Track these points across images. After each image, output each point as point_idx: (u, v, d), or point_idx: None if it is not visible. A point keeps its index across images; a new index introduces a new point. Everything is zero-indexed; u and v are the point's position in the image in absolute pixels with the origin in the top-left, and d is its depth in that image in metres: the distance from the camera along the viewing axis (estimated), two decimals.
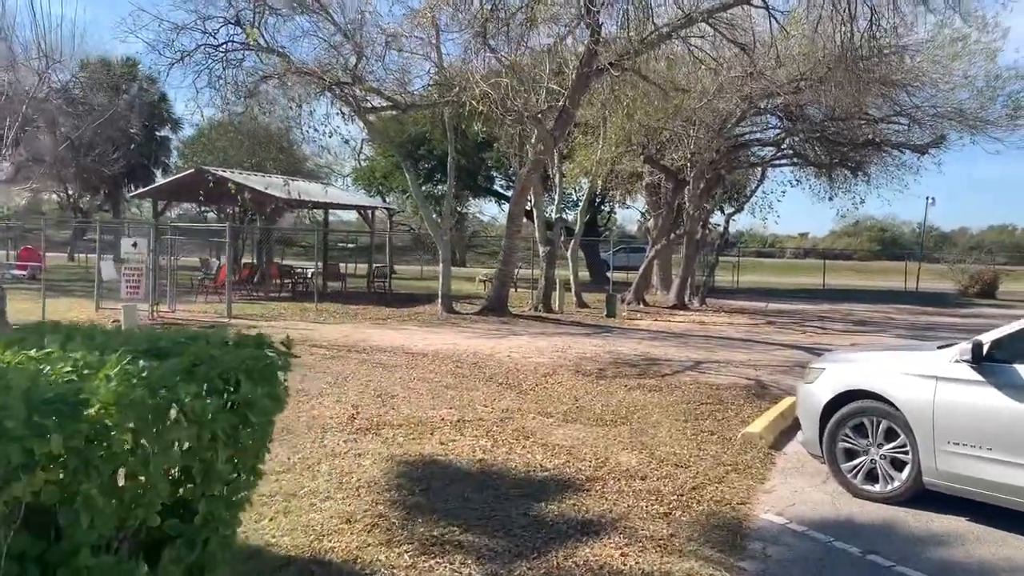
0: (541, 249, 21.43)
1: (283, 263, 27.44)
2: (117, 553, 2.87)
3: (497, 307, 19.00)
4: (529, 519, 5.40)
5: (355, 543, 4.93)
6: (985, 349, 5.40)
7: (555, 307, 21.05)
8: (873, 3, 13.67)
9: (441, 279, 19.37)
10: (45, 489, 2.46)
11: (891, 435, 5.95)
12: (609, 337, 16.23)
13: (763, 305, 26.82)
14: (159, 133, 42.86)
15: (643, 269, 25.15)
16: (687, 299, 25.27)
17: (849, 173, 24.81)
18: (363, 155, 39.25)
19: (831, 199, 26.91)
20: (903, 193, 32.19)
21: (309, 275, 25.66)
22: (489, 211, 57.49)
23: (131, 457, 2.78)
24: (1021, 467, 5.16)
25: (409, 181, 20.06)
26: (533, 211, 22.82)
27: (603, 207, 39.35)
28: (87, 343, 3.31)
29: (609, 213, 42.70)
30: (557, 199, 23.17)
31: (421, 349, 13.23)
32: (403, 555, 4.77)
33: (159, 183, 23.16)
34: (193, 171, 21.84)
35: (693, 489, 6.11)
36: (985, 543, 5.30)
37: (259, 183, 19.89)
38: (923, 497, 5.86)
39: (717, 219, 30.48)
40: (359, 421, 8.05)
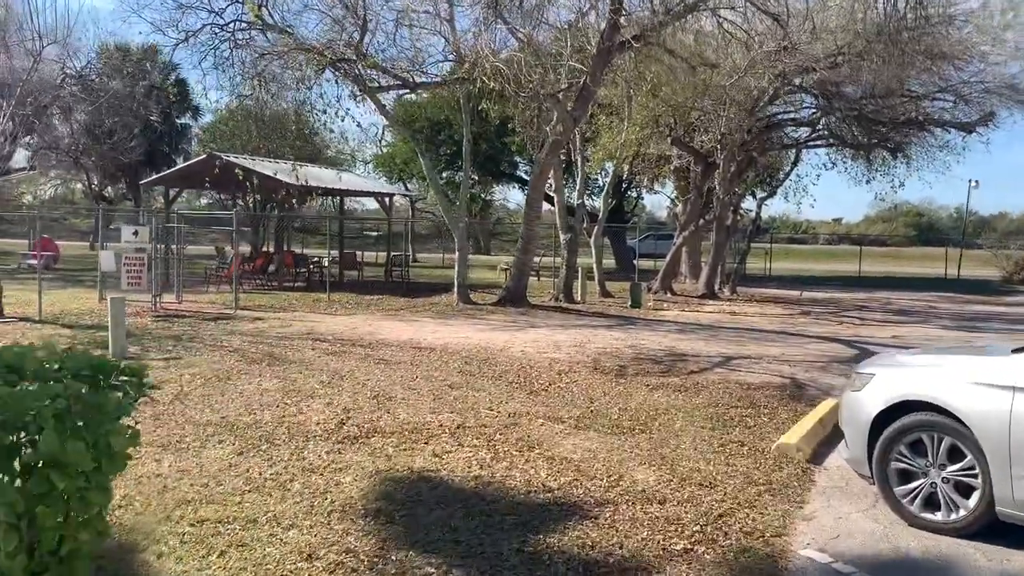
0: (562, 236, 20.50)
1: (299, 252, 26.76)
2: None
3: (515, 297, 18.14)
4: (523, 557, 4.56)
5: None
6: None
7: (577, 297, 20.14)
8: None
9: (457, 268, 18.54)
10: None
11: (956, 455, 5.01)
12: (632, 330, 15.31)
13: (797, 294, 25.69)
14: (179, 120, 42.43)
15: (671, 256, 24.12)
16: (717, 288, 24.22)
17: (888, 155, 23.55)
18: (384, 141, 38.63)
19: (868, 182, 25.67)
20: (944, 175, 30.71)
21: (325, 264, 24.98)
22: (514, 198, 56.39)
23: None
24: None
25: (424, 166, 19.22)
26: (554, 196, 21.88)
27: (629, 192, 38.22)
28: None
29: (636, 199, 41.57)
30: (579, 184, 22.21)
31: (430, 343, 12.42)
32: None
33: (170, 170, 22.48)
34: (205, 157, 21.19)
35: (720, 517, 5.22)
36: None
37: (269, 168, 19.18)
38: (996, 529, 4.93)
39: (748, 204, 29.37)
40: (348, 428, 7.25)
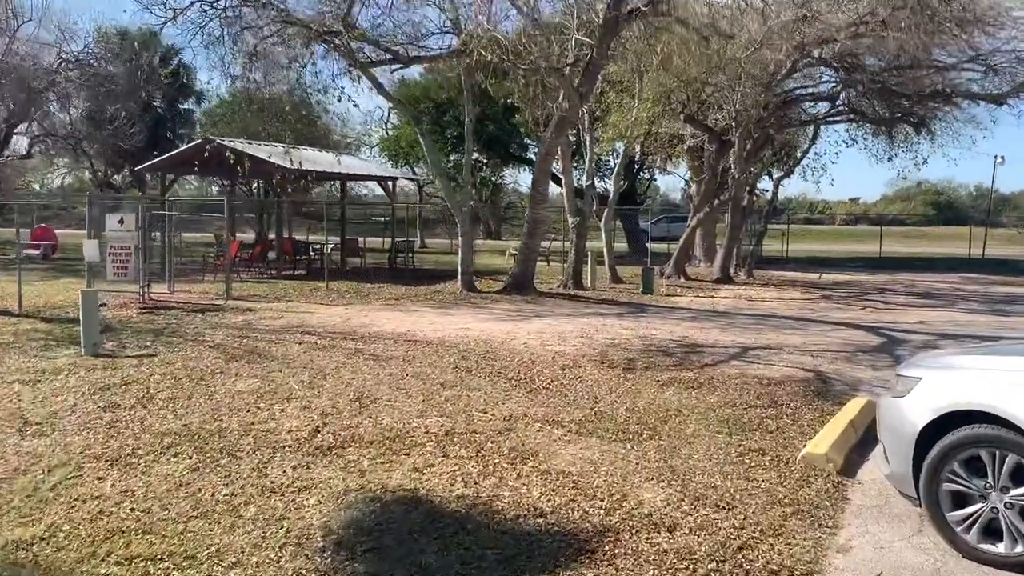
0: (570, 220, 19.64)
1: (299, 239, 26.02)
2: None
3: (521, 285, 17.35)
4: None
5: None
6: None
7: (586, 283, 19.32)
8: None
9: (460, 254, 17.75)
10: None
11: (1022, 476, 4.21)
12: (643, 318, 14.50)
13: (816, 276, 24.76)
14: (182, 106, 41.73)
15: (684, 239, 23.23)
16: (732, 271, 23.34)
17: (911, 130, 22.51)
18: (389, 124, 37.82)
19: (891, 159, 24.65)
20: (970, 151, 29.61)
21: (327, 251, 24.26)
22: (525, 181, 55.37)
23: None
24: None
25: (424, 147, 18.40)
26: (562, 178, 21.01)
27: (642, 174, 37.25)
28: None
29: (649, 180, 40.59)
30: (588, 164, 21.31)
31: (426, 336, 11.66)
32: None
33: (164, 156, 21.79)
34: (198, 142, 20.47)
35: (739, 549, 4.44)
36: None
37: (263, 152, 18.42)
38: None
39: (764, 184, 28.41)
40: (322, 436, 6.51)
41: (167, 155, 21.84)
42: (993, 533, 4.31)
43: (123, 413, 7.09)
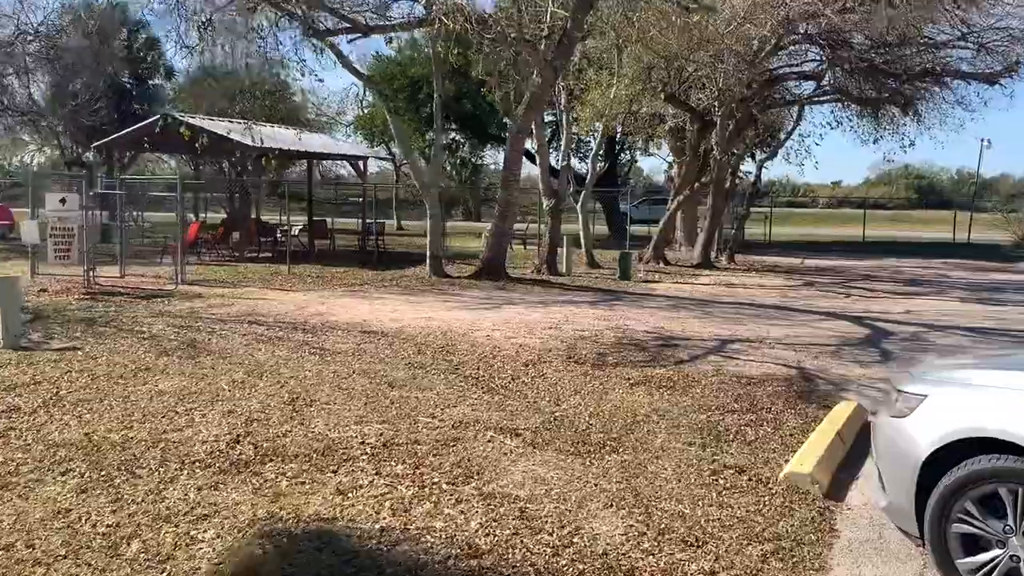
0: (545, 202, 18.82)
1: (267, 221, 25.06)
2: None
3: (493, 270, 16.55)
4: None
5: None
6: None
7: (562, 268, 18.54)
8: None
9: (429, 237, 16.91)
10: None
11: None
12: (618, 306, 13.75)
13: (799, 261, 24.11)
14: (151, 82, 40.32)
15: (664, 223, 22.46)
16: (714, 256, 22.63)
17: (898, 111, 21.81)
18: (365, 102, 36.68)
19: (876, 142, 23.98)
20: (958, 134, 29.00)
21: (294, 232, 23.35)
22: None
23: None
24: None
25: (391, 124, 17.48)
26: (537, 158, 20.16)
27: (623, 155, 36.42)
28: None
29: (630, 162, 39.78)
30: (564, 144, 20.49)
31: (384, 326, 10.86)
32: None
33: (120, 132, 20.76)
34: (156, 117, 19.45)
35: None
36: None
37: (221, 128, 17.46)
38: None
39: (747, 167, 27.67)
40: (242, 448, 5.72)
41: (123, 132, 20.77)
42: None
43: (21, 419, 6.26)
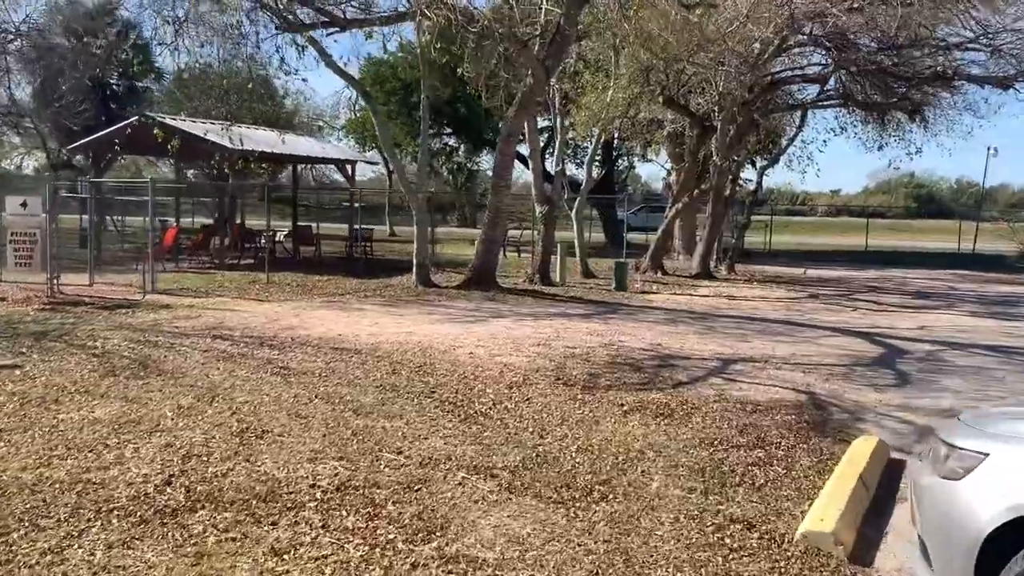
0: (538, 208, 18.04)
1: (250, 227, 24.27)
2: None
3: (482, 280, 15.76)
4: None
5: None
6: None
7: (556, 278, 17.75)
8: None
9: (416, 245, 16.12)
10: None
11: None
12: (613, 320, 12.96)
13: (801, 272, 23.36)
14: (140, 84, 39.58)
15: (662, 231, 21.67)
16: (713, 266, 21.86)
17: (905, 117, 21.08)
18: (357, 105, 35.96)
19: (881, 148, 23.23)
20: (966, 141, 28.26)
21: (280, 238, 22.62)
22: None
23: None
24: None
25: (376, 124, 16.70)
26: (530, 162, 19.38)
27: (620, 161, 35.69)
28: None
29: (628, 168, 39.02)
30: (558, 148, 19.72)
31: (360, 342, 10.07)
32: None
33: (96, 135, 19.99)
34: (133, 119, 18.71)
35: None
36: None
37: (198, 129, 16.70)
38: None
39: (747, 174, 26.94)
40: (173, 491, 4.93)
41: (99, 134, 19.99)
42: None
43: None
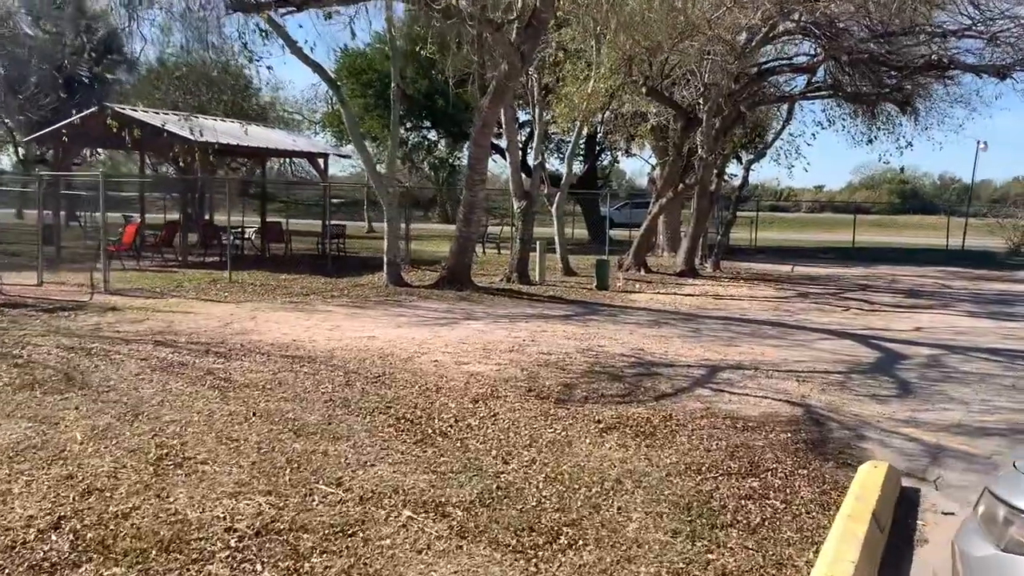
0: (515, 203, 17.24)
1: (216, 223, 23.35)
2: None
3: (456, 279, 14.96)
4: None
5: None
6: None
7: (534, 276, 16.97)
8: None
9: (387, 242, 15.28)
10: None
11: None
12: (593, 321, 12.20)
13: (788, 269, 22.69)
14: (111, 75, 38.43)
15: (645, 227, 20.94)
16: (698, 263, 21.15)
17: (896, 109, 20.43)
18: (335, 99, 34.99)
19: (870, 142, 22.60)
20: (957, 134, 27.76)
21: (248, 235, 21.72)
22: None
23: None
24: None
25: (344, 116, 15.84)
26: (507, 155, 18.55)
27: (603, 155, 34.93)
28: None
29: (612, 163, 38.27)
30: (537, 141, 18.93)
31: (316, 348, 9.25)
32: None
33: (54, 126, 19.00)
34: (93, 109, 17.77)
35: None
36: None
37: (156, 120, 15.80)
38: None
39: (733, 169, 26.27)
40: (58, 537, 4.13)
41: (54, 126, 19.02)
42: None
43: None
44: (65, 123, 18.37)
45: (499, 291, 15.41)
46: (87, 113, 18.22)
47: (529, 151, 26.43)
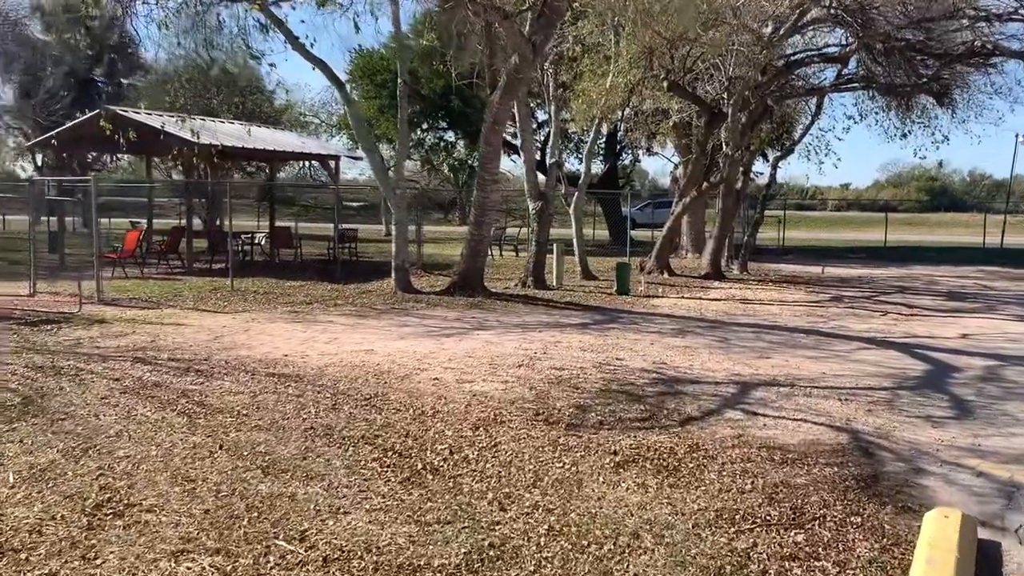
0: (531, 204, 16.39)
1: (224, 229, 22.72)
2: None
3: (468, 284, 14.15)
4: None
5: None
6: None
7: (551, 281, 16.13)
8: None
9: (395, 247, 14.51)
10: None
11: None
12: (612, 330, 11.33)
13: (818, 270, 21.65)
14: (126, 80, 38.09)
15: (668, 227, 20.01)
16: (724, 265, 20.19)
17: (932, 101, 19.37)
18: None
19: (904, 136, 21.48)
20: (997, 127, 26.61)
21: (257, 240, 21.09)
22: (505, 164, 51.86)
23: None
24: None
25: (349, 115, 15.11)
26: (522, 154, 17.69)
27: (624, 154, 34.01)
28: None
29: (633, 162, 37.30)
30: (552, 138, 18.07)
31: (307, 365, 8.47)
32: None
33: (53, 131, 18.50)
34: (96, 112, 17.16)
35: None
36: None
37: (155, 121, 15.16)
38: None
39: (759, 167, 25.24)
40: None
41: (61, 128, 18.47)
42: None
43: None
44: (66, 127, 17.81)
45: (513, 297, 14.57)
46: (87, 117, 17.64)
47: (547, 150, 25.64)
